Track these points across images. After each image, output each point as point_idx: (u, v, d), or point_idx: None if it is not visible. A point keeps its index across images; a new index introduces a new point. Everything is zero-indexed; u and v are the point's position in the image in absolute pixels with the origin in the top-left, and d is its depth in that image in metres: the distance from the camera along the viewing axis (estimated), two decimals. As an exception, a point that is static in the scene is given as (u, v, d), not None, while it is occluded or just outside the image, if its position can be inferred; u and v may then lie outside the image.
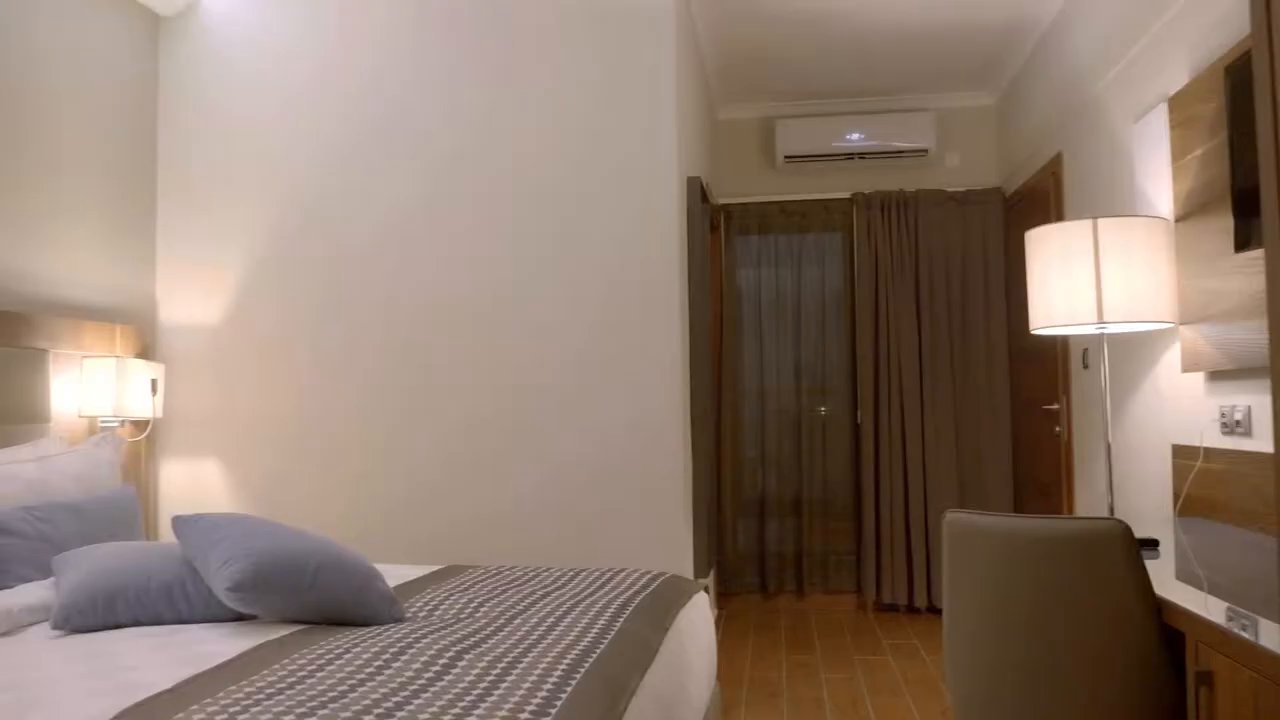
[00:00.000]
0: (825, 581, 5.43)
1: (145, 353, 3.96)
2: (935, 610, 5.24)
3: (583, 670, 1.90)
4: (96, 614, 2.25)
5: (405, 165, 3.96)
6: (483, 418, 3.87)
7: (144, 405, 3.57)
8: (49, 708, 1.68)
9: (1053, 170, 4.39)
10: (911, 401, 5.21)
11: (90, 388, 3.46)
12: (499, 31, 3.92)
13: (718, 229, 5.47)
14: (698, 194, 4.12)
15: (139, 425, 3.84)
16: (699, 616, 2.73)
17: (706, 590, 3.18)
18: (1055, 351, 4.48)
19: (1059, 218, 4.33)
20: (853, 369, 5.48)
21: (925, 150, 5.34)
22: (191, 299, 4.08)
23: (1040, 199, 4.67)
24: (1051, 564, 1.95)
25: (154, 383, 3.62)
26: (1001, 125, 5.41)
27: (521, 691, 1.75)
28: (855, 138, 5.38)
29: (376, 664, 1.91)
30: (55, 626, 2.25)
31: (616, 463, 3.77)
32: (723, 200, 5.63)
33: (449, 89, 3.94)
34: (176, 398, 4.06)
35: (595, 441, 3.79)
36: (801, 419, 5.49)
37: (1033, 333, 3.45)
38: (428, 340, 3.92)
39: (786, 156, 5.42)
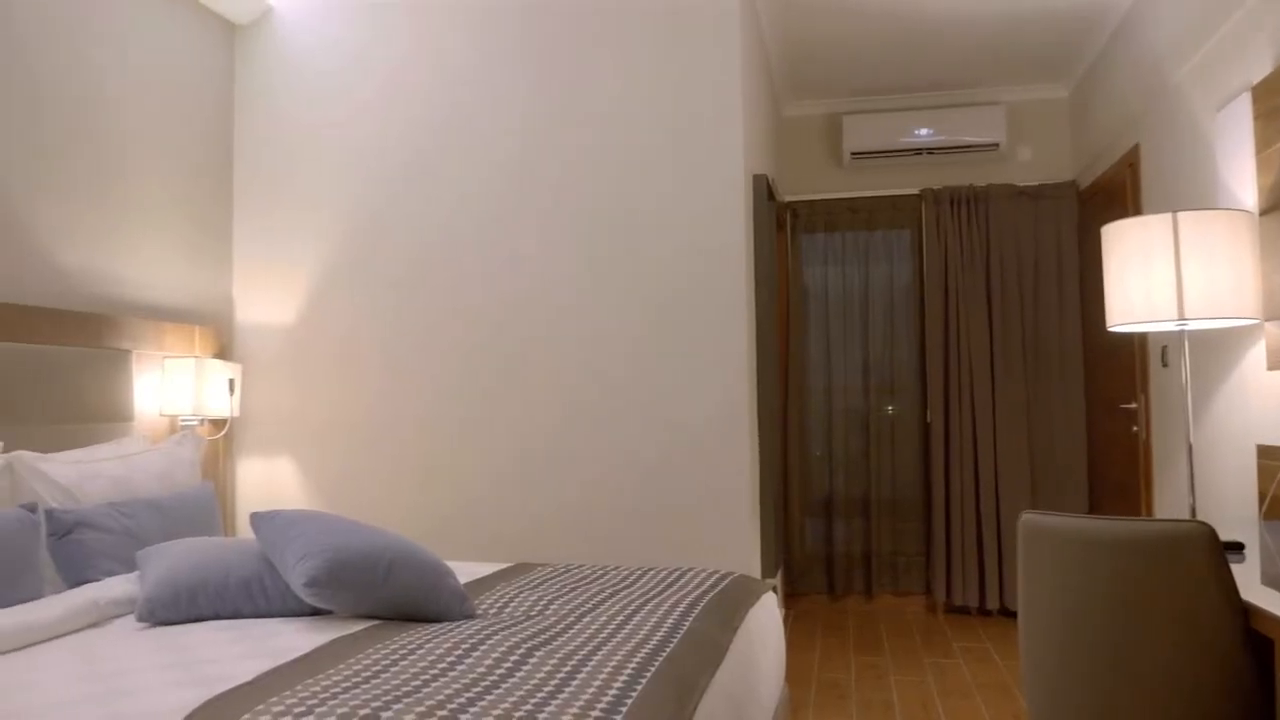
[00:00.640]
0: (894, 582, 5.36)
1: (223, 353, 4.06)
2: (1008, 613, 5.14)
3: (653, 669, 1.90)
4: (179, 608, 2.31)
5: (472, 167, 4.00)
6: (549, 417, 3.90)
7: (222, 404, 3.67)
8: (137, 697, 1.73)
9: (1130, 162, 4.28)
10: (983, 400, 5.13)
11: (171, 387, 3.56)
12: (563, 31, 3.94)
13: (784, 227, 5.43)
14: (764, 192, 4.10)
15: (217, 424, 3.94)
16: (767, 617, 2.72)
17: (775, 591, 3.16)
18: (1132, 349, 4.37)
19: (1136, 211, 4.22)
20: (921, 367, 5.41)
21: (996, 144, 5.24)
22: (266, 300, 4.18)
23: (1117, 192, 4.55)
24: (1131, 567, 1.90)
25: (231, 382, 3.71)
26: (1075, 117, 5.29)
27: (592, 689, 1.76)
28: (924, 133, 5.31)
29: (449, 659, 1.93)
30: (140, 619, 2.32)
31: (683, 462, 3.77)
32: (789, 198, 5.60)
33: (515, 91, 3.97)
34: (252, 397, 4.16)
35: (661, 441, 3.80)
36: (869, 418, 5.43)
37: (1110, 330, 3.37)
38: (495, 339, 3.95)
39: (853, 153, 5.37)
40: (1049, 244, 5.18)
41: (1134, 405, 4.35)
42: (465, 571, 3.03)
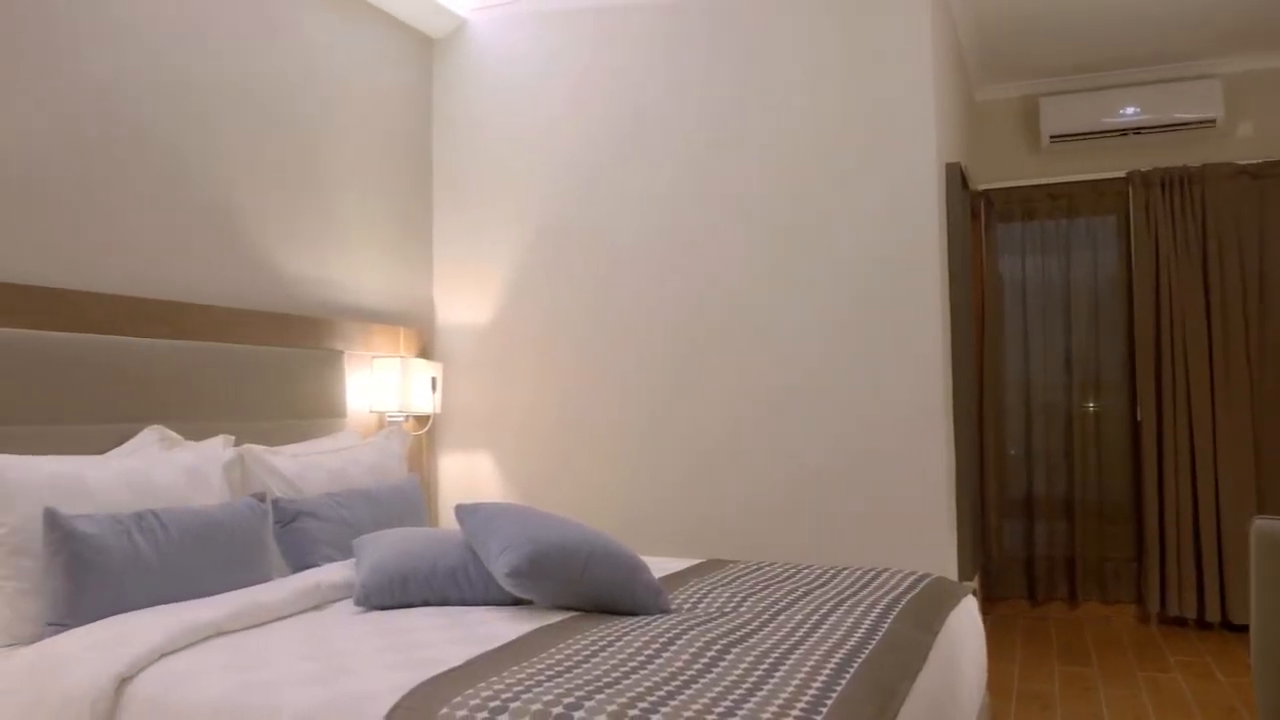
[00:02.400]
0: (1101, 590, 5.06)
1: (425, 353, 4.27)
2: (1230, 626, 4.76)
3: (851, 670, 1.87)
4: (392, 593, 2.44)
5: (658, 166, 4.05)
6: (739, 413, 3.89)
7: (425, 401, 3.85)
8: (358, 676, 1.84)
9: (1374, 135, 3.88)
10: (1200, 397, 4.77)
11: (379, 386, 3.77)
12: (744, 22, 3.92)
13: (978, 217, 5.22)
14: (957, 181, 3.95)
15: (420, 420, 4.14)
16: (968, 621, 2.62)
17: (974, 594, 3.05)
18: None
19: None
20: (1130, 362, 5.08)
21: (1212, 121, 4.86)
22: (465, 302, 4.36)
23: (1358, 168, 4.14)
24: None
25: (434, 380, 3.89)
26: (1307, 88, 4.84)
27: (790, 689, 1.74)
28: (1130, 112, 4.99)
29: (647, 653, 1.95)
30: (357, 603, 2.47)
31: (875, 460, 3.69)
32: (983, 186, 5.38)
33: (701, 87, 3.99)
34: (452, 394, 4.34)
35: (852, 438, 3.72)
36: (1072, 415, 5.15)
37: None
38: (685, 336, 3.98)
39: (1052, 136, 5.10)
40: (1275, 226, 4.77)
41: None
42: (658, 566, 3.07)
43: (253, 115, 3.45)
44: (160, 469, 2.61)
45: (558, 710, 1.61)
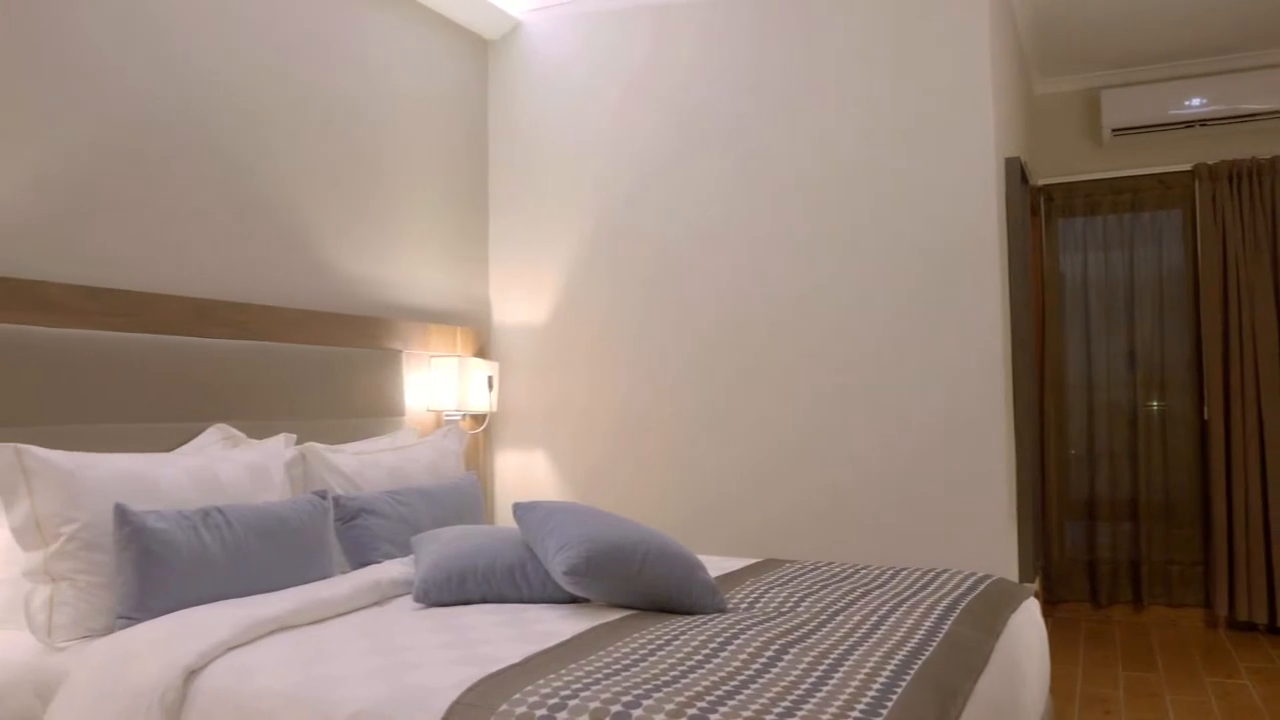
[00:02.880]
0: (1167, 594, 4.95)
1: (482, 352, 4.31)
2: (1304, 631, 4.63)
3: (911, 672, 1.85)
4: (450, 590, 2.47)
5: (714, 166, 4.03)
6: (794, 412, 3.87)
7: (482, 400, 3.88)
8: (420, 671, 1.86)
9: None
10: (1270, 395, 4.64)
11: (436, 385, 3.81)
12: (802, 20, 3.89)
13: (1037, 212, 5.14)
14: (1016, 176, 3.89)
15: (477, 419, 4.18)
16: (1030, 623, 2.58)
17: (1035, 596, 3.00)
18: None
19: None
20: (1197, 359, 4.96)
21: (1284, 112, 4.73)
22: (520, 301, 4.38)
23: None
24: None
25: (490, 379, 3.93)
26: (1384, 76, 4.69)
27: (850, 690, 1.73)
28: (1196, 103, 4.87)
29: (704, 652, 1.95)
30: (416, 600, 2.49)
31: (933, 459, 3.64)
32: (1042, 181, 5.29)
33: (754, 84, 3.97)
34: (508, 393, 4.37)
35: (909, 437, 3.68)
36: (1136, 414, 5.04)
37: None
38: (740, 335, 3.97)
39: (1115, 130, 5.00)
40: (1352, 220, 4.62)
41: None
42: (714, 566, 3.06)
43: (312, 120, 3.50)
44: (225, 466, 2.67)
45: (616, 708, 1.62)
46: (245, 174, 3.24)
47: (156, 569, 2.26)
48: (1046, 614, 5.09)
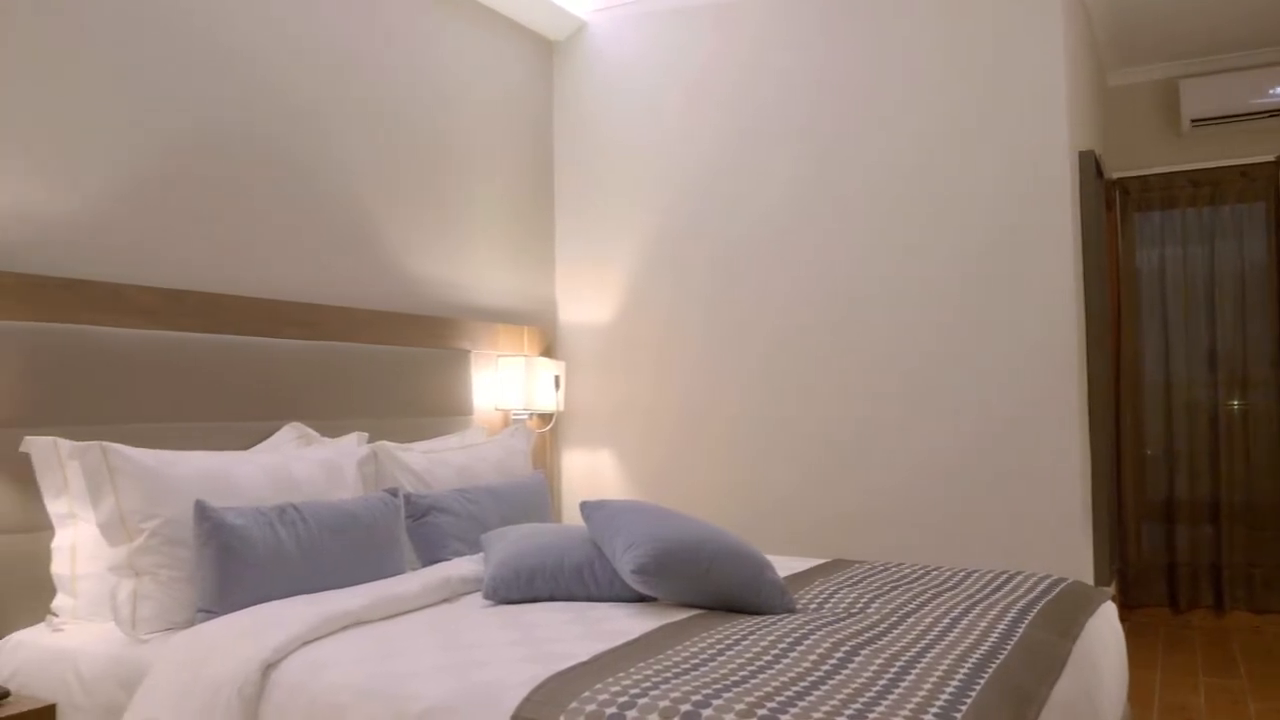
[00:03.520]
0: (1249, 598, 4.79)
1: (548, 351, 4.34)
2: (1397, 639, 4.45)
3: (986, 675, 1.81)
4: (519, 588, 2.48)
5: (780, 163, 4.01)
6: (861, 410, 3.83)
7: (548, 399, 3.91)
8: (490, 668, 1.88)
9: None
10: (1361, 394, 4.47)
11: (504, 384, 3.85)
12: (868, 13, 3.85)
13: (1112, 207, 5.01)
14: (1091, 169, 3.80)
15: (544, 418, 4.20)
16: (1108, 628, 2.52)
17: (1112, 600, 2.93)
18: None
19: None
20: (1281, 357, 4.80)
21: (1375, 99, 4.55)
22: (586, 301, 4.40)
23: None
24: None
25: (556, 379, 3.95)
26: None
27: (922, 693, 1.70)
28: (1279, 92, 4.70)
29: (773, 652, 1.94)
30: (485, 597, 2.52)
31: (1004, 459, 3.58)
32: (1117, 174, 5.16)
33: (820, 80, 3.93)
34: (574, 392, 4.40)
35: (980, 435, 3.62)
36: (1217, 413, 4.89)
37: None
38: (806, 331, 3.94)
39: (1194, 120, 4.85)
40: None
41: None
42: (782, 565, 3.04)
43: (380, 125, 3.56)
44: (299, 464, 2.72)
45: (685, 707, 1.62)
46: (315, 179, 3.30)
47: (234, 564, 2.31)
48: (1123, 618, 4.97)
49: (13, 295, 2.39)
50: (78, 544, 2.40)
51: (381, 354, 3.39)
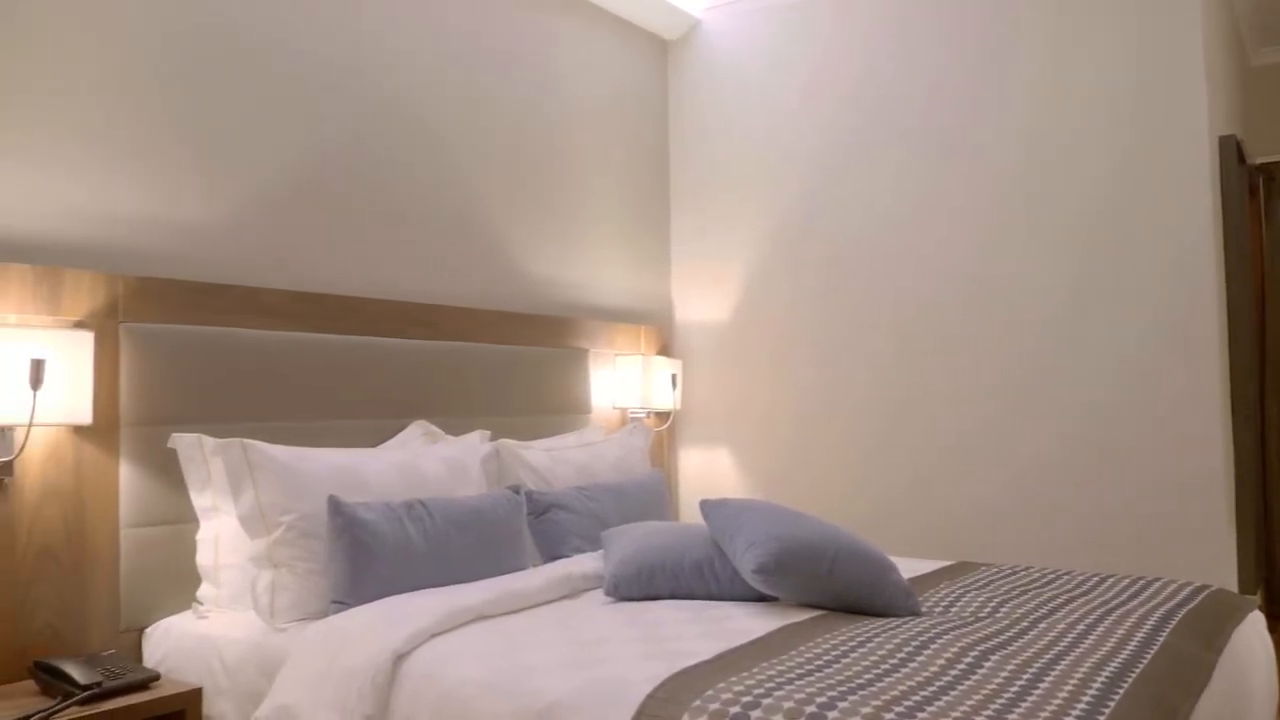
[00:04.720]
0: None
1: (665, 350, 4.35)
2: None
3: (1125, 685, 1.74)
4: (640, 585, 2.50)
5: (897, 159, 3.93)
6: (984, 408, 3.72)
7: (665, 398, 3.92)
8: (613, 664, 1.89)
9: None
10: None
11: (622, 383, 3.88)
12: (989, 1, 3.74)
13: (1256, 193, 4.75)
14: (1233, 154, 3.61)
15: (661, 416, 4.22)
16: (1256, 639, 2.39)
17: (1260, 610, 2.78)
18: None
19: None
20: None
21: None
22: (702, 300, 4.40)
23: None
24: None
25: (674, 377, 3.96)
26: None
27: (1057, 701, 1.65)
28: None
29: (900, 655, 1.90)
30: (606, 594, 2.54)
31: (1138, 460, 3.43)
32: (1261, 160, 4.88)
33: (938, 72, 3.84)
34: (691, 391, 4.40)
35: (1113, 435, 3.47)
36: (1375, 412, 4.59)
37: None
38: (925, 329, 3.85)
39: (1348, 100, 4.57)
40: None
41: None
42: (906, 567, 2.97)
43: (498, 129, 3.63)
44: (426, 461, 2.80)
45: (810, 709, 1.60)
46: (437, 187, 3.39)
47: (365, 557, 2.39)
48: (1271, 629, 4.70)
49: (160, 299, 2.53)
50: (220, 536, 2.52)
51: (502, 353, 3.46)
